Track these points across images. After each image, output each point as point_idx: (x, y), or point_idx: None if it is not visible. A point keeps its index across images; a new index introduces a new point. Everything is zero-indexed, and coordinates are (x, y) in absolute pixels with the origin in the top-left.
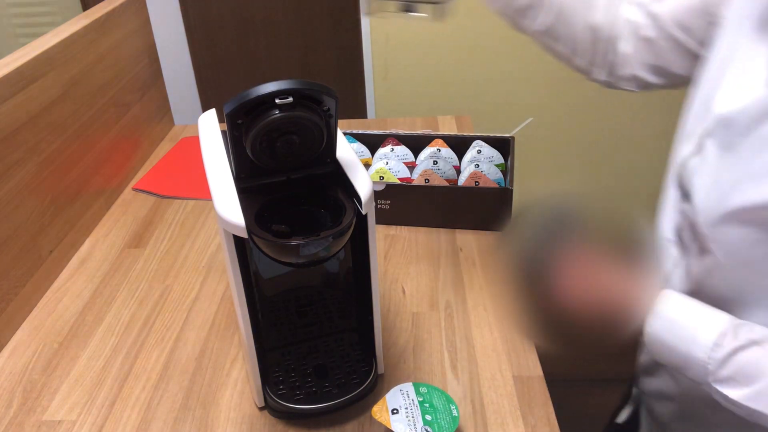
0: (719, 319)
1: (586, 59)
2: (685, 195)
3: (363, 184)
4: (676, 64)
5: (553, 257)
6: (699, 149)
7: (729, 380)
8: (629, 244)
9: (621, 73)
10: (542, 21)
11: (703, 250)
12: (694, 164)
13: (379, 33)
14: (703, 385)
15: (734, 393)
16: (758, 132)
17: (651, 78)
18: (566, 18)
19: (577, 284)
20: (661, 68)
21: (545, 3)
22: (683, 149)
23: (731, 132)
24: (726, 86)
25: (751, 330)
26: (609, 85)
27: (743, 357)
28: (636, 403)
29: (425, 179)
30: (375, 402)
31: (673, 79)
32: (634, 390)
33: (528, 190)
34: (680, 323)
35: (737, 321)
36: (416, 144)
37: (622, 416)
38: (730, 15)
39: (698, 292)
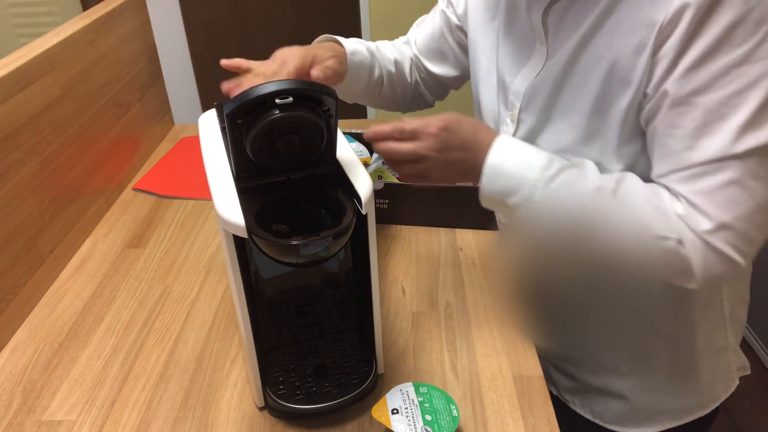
0: (544, 152)
1: (407, 102)
2: None
3: (363, 184)
4: (450, 81)
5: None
6: (519, 125)
7: (554, 193)
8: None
9: (423, 102)
10: (385, 91)
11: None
12: (521, 136)
13: (379, 33)
14: (524, 205)
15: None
16: (564, 85)
17: (439, 95)
18: (396, 83)
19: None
20: (444, 85)
21: (383, 80)
22: (505, 132)
23: (539, 99)
24: (510, 71)
25: (568, 158)
26: (408, 109)
27: (565, 174)
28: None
29: None
30: (375, 402)
31: (455, 85)
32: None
33: None
34: (515, 153)
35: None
36: None
37: None
38: (471, 22)
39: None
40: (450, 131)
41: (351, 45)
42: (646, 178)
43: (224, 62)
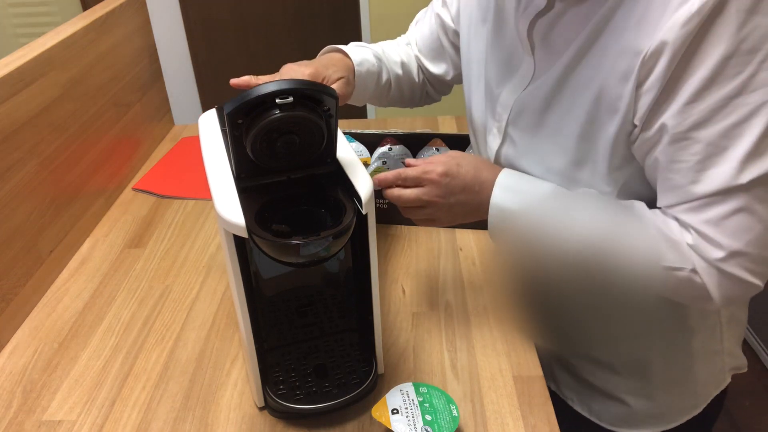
0: (545, 183)
1: (415, 101)
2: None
3: (363, 184)
4: (451, 80)
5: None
6: (505, 138)
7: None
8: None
9: (429, 99)
10: (393, 93)
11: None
12: (508, 151)
13: (379, 33)
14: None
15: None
16: (551, 107)
17: (444, 92)
18: (404, 84)
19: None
20: (445, 83)
21: (391, 83)
22: (491, 143)
23: (527, 116)
24: (498, 80)
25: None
26: (417, 105)
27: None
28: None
29: None
30: (375, 402)
31: (457, 81)
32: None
33: None
34: (518, 189)
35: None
36: (415, 143)
37: None
38: (463, 24)
39: None
40: (451, 176)
41: (358, 55)
42: (642, 201)
43: (233, 81)
